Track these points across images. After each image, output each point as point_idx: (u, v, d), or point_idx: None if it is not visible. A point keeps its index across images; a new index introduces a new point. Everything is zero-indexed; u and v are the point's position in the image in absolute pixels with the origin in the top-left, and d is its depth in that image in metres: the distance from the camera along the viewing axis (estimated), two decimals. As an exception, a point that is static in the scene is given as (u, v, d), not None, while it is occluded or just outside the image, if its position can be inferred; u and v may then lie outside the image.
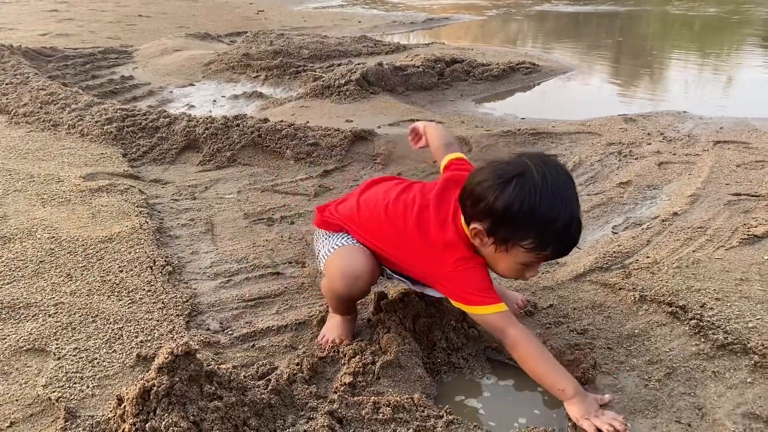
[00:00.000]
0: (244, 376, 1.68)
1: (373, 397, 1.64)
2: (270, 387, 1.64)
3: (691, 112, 4.38)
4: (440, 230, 1.72)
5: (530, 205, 1.53)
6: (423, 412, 1.60)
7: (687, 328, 1.90)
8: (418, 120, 4.25)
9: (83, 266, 2.29)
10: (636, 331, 1.92)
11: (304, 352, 1.86)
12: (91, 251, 2.39)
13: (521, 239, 1.57)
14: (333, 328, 1.95)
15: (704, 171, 3.18)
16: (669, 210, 2.74)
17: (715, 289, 2.08)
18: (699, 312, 1.95)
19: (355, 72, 4.96)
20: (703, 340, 1.84)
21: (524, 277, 1.70)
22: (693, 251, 2.36)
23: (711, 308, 1.98)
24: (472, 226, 1.63)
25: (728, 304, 1.99)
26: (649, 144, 3.66)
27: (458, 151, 2.04)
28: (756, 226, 2.51)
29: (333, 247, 1.87)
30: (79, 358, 1.80)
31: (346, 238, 1.89)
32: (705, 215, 2.67)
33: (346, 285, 1.79)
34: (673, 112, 4.40)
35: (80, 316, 1.99)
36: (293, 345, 1.94)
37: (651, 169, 3.27)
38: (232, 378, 1.57)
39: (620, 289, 2.13)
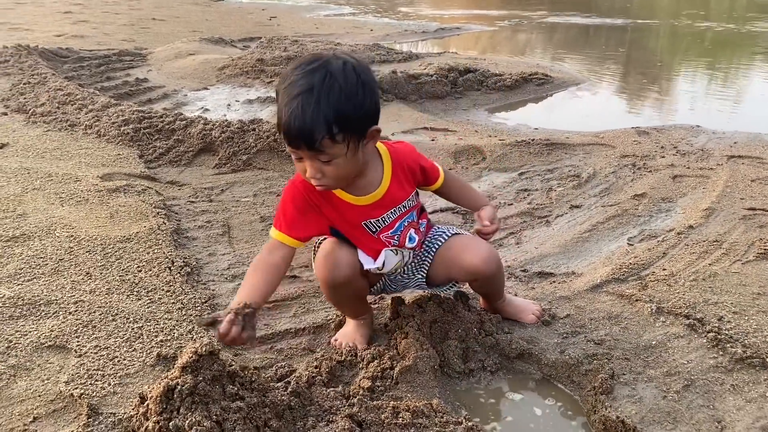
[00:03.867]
0: (265, 378, 1.69)
1: (392, 402, 1.65)
2: (290, 389, 1.65)
3: (704, 126, 4.38)
4: None
5: (278, 84, 1.56)
6: (442, 418, 1.60)
7: (705, 340, 1.90)
8: (432, 128, 4.28)
9: (102, 265, 2.31)
10: (653, 342, 1.92)
11: (323, 356, 1.87)
12: (109, 250, 2.41)
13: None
14: (348, 333, 1.96)
15: (719, 185, 3.18)
16: (684, 223, 2.75)
17: (732, 303, 2.08)
18: (717, 325, 1.95)
19: (369, 79, 4.98)
20: (721, 353, 1.84)
21: (306, 177, 1.61)
22: (709, 264, 2.36)
23: (729, 321, 1.98)
24: None
25: (746, 318, 2.00)
26: (663, 157, 3.67)
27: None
28: (772, 241, 2.51)
29: (317, 246, 1.90)
30: (100, 355, 1.81)
31: (324, 238, 1.87)
32: (720, 229, 2.67)
33: (328, 269, 1.75)
34: (686, 125, 4.40)
35: (100, 315, 2.01)
36: (311, 348, 1.95)
37: (665, 182, 3.27)
38: (253, 379, 1.58)
39: (637, 300, 2.14)
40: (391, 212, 1.78)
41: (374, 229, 1.78)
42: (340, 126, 1.50)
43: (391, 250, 1.82)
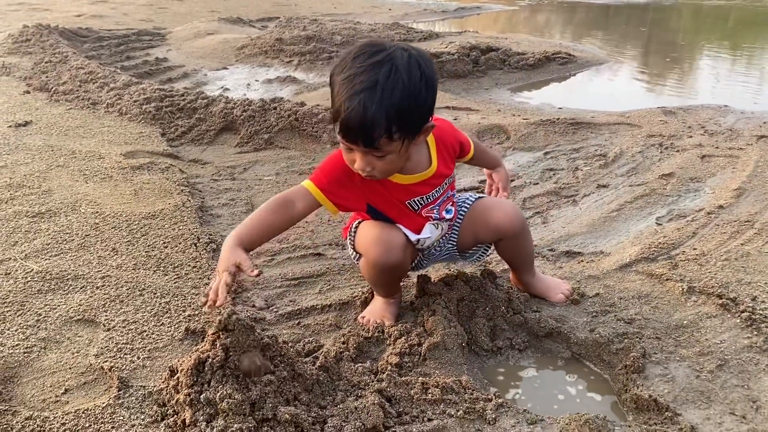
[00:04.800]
0: (293, 352, 1.68)
1: (421, 378, 1.64)
2: (318, 364, 1.64)
3: (732, 106, 4.30)
4: None
5: (333, 73, 1.53)
6: (472, 394, 1.59)
7: (738, 320, 1.87)
8: (453, 107, 4.24)
9: (128, 241, 2.31)
10: (685, 322, 1.89)
11: (349, 332, 1.86)
12: (135, 227, 2.41)
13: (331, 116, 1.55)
14: (376, 310, 1.94)
15: (749, 165, 3.11)
16: (714, 203, 2.69)
17: (766, 283, 2.04)
18: (751, 305, 1.91)
19: (389, 58, 4.93)
20: (755, 332, 1.80)
21: (355, 168, 1.60)
22: (741, 244, 2.32)
23: (763, 301, 1.94)
24: None
25: (780, 298, 1.96)
26: (691, 137, 3.60)
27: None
28: (805, 222, 2.46)
29: (353, 232, 1.86)
30: (129, 329, 1.82)
31: (356, 222, 1.88)
32: (752, 209, 2.62)
33: (381, 252, 1.73)
34: (713, 105, 4.32)
35: (127, 290, 2.01)
36: (338, 324, 1.94)
37: (693, 161, 3.21)
38: (283, 353, 1.57)
39: (667, 279, 2.10)
40: (437, 189, 1.79)
41: (417, 207, 1.78)
42: (399, 126, 1.48)
43: (433, 223, 1.82)
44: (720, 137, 3.59)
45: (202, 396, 1.42)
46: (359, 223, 1.86)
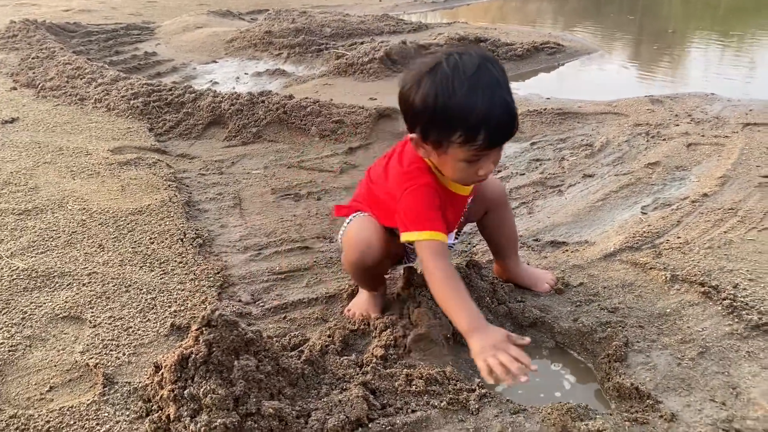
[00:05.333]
0: (278, 347, 1.69)
1: (405, 370, 1.65)
2: (303, 357, 1.66)
3: (718, 94, 4.31)
4: (398, 165, 1.73)
5: (443, 97, 1.48)
6: (456, 385, 1.60)
7: (720, 308, 1.88)
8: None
9: (115, 237, 2.31)
10: (667, 310, 1.91)
11: (335, 325, 1.87)
12: (121, 223, 2.41)
13: (450, 135, 1.51)
14: (361, 303, 1.96)
15: (734, 153, 3.13)
16: (699, 191, 2.71)
17: (748, 270, 2.06)
18: (732, 292, 1.93)
19: (378, 50, 4.94)
20: (736, 320, 1.82)
21: (477, 177, 1.60)
22: (724, 232, 2.34)
23: (744, 289, 1.96)
24: (409, 137, 1.62)
25: (762, 285, 1.98)
26: (677, 125, 3.61)
27: None
28: (789, 209, 2.48)
29: (346, 224, 1.89)
30: (115, 326, 1.82)
31: (358, 214, 1.89)
32: (736, 197, 2.63)
33: (358, 251, 1.77)
34: (700, 93, 4.33)
35: (114, 286, 2.02)
36: (324, 318, 1.95)
37: (679, 150, 3.23)
38: (267, 347, 1.58)
39: (651, 268, 2.12)
40: (472, 198, 1.84)
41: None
42: None
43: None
44: (706, 125, 3.61)
45: (185, 391, 1.43)
46: (353, 217, 1.88)
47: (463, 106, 1.47)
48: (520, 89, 4.74)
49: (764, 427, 1.45)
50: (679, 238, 2.32)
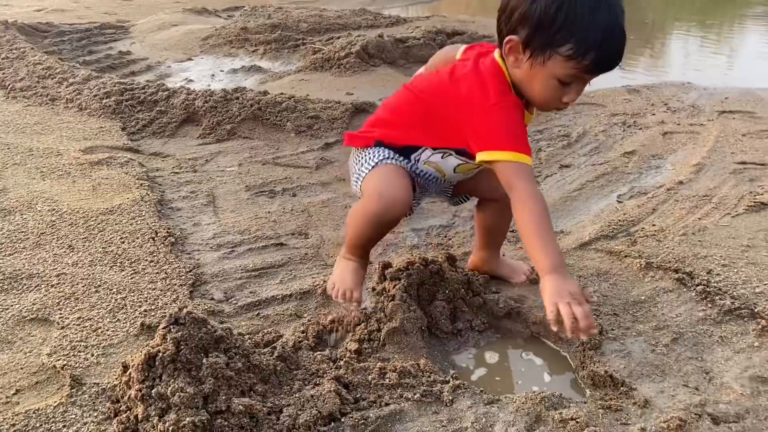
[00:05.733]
0: (250, 344, 1.67)
1: (379, 363, 1.63)
2: (276, 354, 1.63)
3: (695, 83, 4.34)
4: (475, 78, 1.59)
5: (570, 3, 1.42)
6: (429, 377, 1.59)
7: (694, 294, 1.89)
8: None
9: (85, 237, 2.27)
10: (642, 297, 1.91)
11: (309, 320, 1.85)
12: (92, 223, 2.37)
13: (560, 44, 1.44)
14: (345, 276, 1.85)
15: (709, 140, 3.15)
16: (674, 179, 2.72)
17: (721, 256, 2.07)
18: (706, 278, 1.94)
19: (355, 44, 4.91)
20: (710, 305, 1.83)
21: (562, 103, 1.56)
22: (699, 219, 2.34)
23: (718, 274, 1.97)
24: (507, 38, 1.51)
25: (735, 270, 1.98)
26: (653, 114, 3.63)
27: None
28: (762, 194, 2.49)
29: (370, 165, 1.72)
30: (83, 327, 1.79)
31: (380, 150, 1.74)
32: (710, 184, 2.65)
33: (383, 205, 1.65)
34: (677, 83, 4.36)
35: (83, 287, 1.98)
36: (298, 314, 1.93)
37: (655, 139, 3.24)
38: (238, 344, 1.56)
39: (626, 256, 2.12)
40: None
41: None
42: None
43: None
44: (682, 114, 3.63)
45: (153, 391, 1.40)
46: (378, 158, 1.73)
47: (587, 18, 1.42)
48: (497, 82, 4.73)
49: (736, 410, 1.45)
50: (654, 225, 2.32)
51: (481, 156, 1.57)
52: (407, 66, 4.94)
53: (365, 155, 1.77)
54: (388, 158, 1.73)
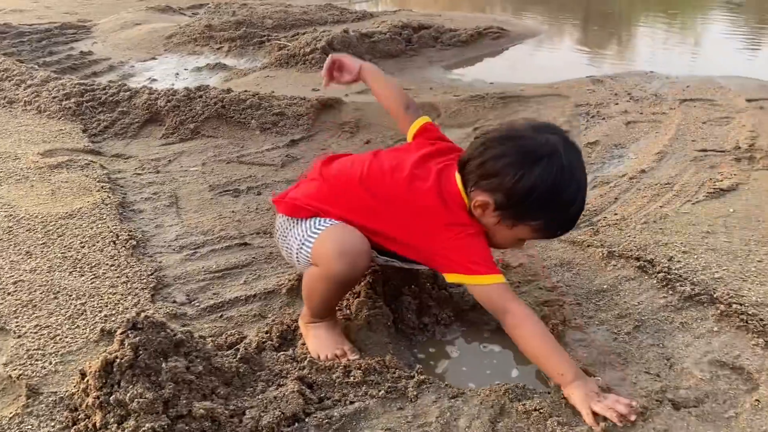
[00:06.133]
0: (212, 346, 1.65)
1: (343, 361, 1.62)
2: (239, 356, 1.61)
3: (658, 72, 4.39)
4: (437, 198, 1.61)
5: (557, 189, 1.49)
6: (394, 373, 1.59)
7: (655, 281, 1.91)
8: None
9: (43, 243, 2.22)
10: (605, 286, 1.93)
11: (273, 321, 1.83)
12: (51, 228, 2.32)
13: (533, 219, 1.55)
14: (324, 341, 1.69)
15: (671, 129, 3.19)
16: (636, 168, 2.75)
17: (682, 242, 2.10)
18: (667, 265, 1.96)
19: (320, 40, 4.87)
20: (671, 292, 1.85)
21: (519, 248, 1.77)
22: (660, 206, 2.37)
23: (678, 261, 1.99)
24: (478, 197, 1.55)
25: (695, 257, 2.01)
26: (617, 104, 3.67)
27: (420, 113, 1.93)
28: (721, 180, 2.53)
29: (315, 231, 1.65)
30: (41, 335, 1.75)
31: (323, 221, 1.67)
32: (672, 171, 2.68)
33: (347, 263, 1.57)
34: (640, 72, 4.40)
35: (41, 294, 1.93)
36: (262, 314, 1.90)
37: (618, 128, 3.27)
38: (199, 347, 1.53)
39: (588, 246, 2.14)
40: None
41: None
42: None
43: None
44: (645, 103, 3.67)
45: (111, 397, 1.37)
46: (321, 224, 1.67)
47: (565, 202, 1.53)
48: (464, 75, 4.75)
49: (696, 395, 1.47)
50: (616, 214, 2.34)
51: (452, 278, 1.60)
52: (373, 61, 4.90)
53: (308, 223, 1.70)
54: (337, 222, 1.67)
